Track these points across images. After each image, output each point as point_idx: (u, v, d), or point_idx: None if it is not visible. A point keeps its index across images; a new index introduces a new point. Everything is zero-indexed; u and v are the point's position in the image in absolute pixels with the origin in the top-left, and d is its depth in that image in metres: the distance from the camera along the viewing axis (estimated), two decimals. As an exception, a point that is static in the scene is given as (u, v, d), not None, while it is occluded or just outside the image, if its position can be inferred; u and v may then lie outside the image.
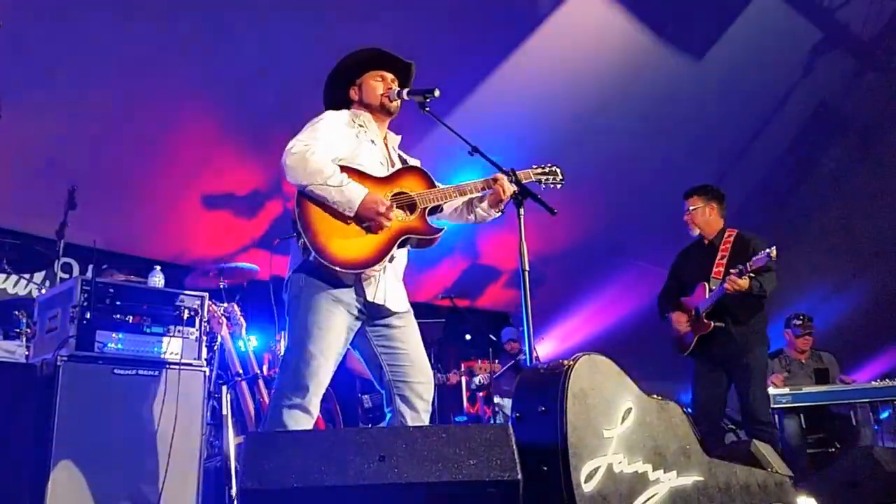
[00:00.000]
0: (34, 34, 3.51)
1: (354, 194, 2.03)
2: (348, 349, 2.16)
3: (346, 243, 2.03)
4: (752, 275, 3.21)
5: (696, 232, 3.54)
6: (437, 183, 2.24)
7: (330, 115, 2.18)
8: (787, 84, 5.78)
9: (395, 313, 2.16)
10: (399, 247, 2.12)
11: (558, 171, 2.43)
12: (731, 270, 3.23)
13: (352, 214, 2.04)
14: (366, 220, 2.06)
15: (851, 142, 6.31)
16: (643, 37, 4.92)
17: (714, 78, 5.36)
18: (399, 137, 2.36)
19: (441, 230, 2.20)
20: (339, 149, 2.12)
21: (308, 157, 2.01)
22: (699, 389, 3.40)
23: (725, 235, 3.49)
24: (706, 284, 3.42)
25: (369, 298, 2.09)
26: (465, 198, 2.26)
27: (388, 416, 2.14)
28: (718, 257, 3.43)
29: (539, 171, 2.40)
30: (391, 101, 2.24)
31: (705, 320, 3.38)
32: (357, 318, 2.11)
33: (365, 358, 2.19)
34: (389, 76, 2.28)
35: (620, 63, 5.02)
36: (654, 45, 5.00)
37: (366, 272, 2.07)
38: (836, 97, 6.03)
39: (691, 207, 3.54)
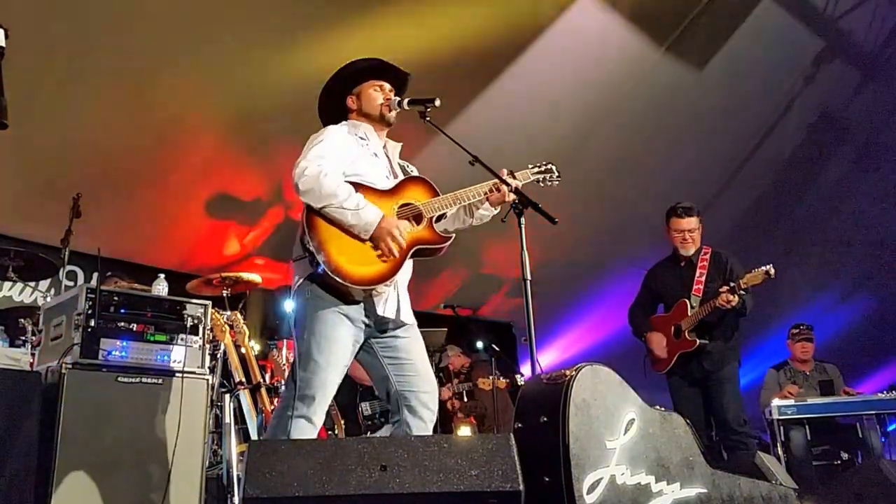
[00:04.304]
0: (40, 43, 3.54)
1: (371, 218, 2.05)
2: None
3: (359, 259, 2.04)
4: (742, 292, 3.23)
5: (692, 250, 3.58)
6: (438, 191, 2.25)
7: (333, 131, 2.18)
8: (789, 94, 5.78)
9: (402, 325, 2.17)
10: (410, 258, 2.14)
11: (554, 168, 2.43)
12: (723, 288, 3.28)
13: (366, 238, 2.06)
14: (379, 243, 2.07)
15: (854, 152, 6.30)
16: (644, 47, 4.94)
17: (715, 88, 5.37)
18: (400, 145, 2.36)
19: (450, 238, 2.22)
20: (347, 165, 2.13)
21: (322, 180, 2.01)
22: (683, 406, 3.40)
23: (702, 253, 3.57)
24: (687, 301, 3.46)
25: (380, 313, 2.11)
26: (467, 202, 2.28)
27: (394, 426, 2.14)
28: (697, 274, 3.49)
29: (536, 170, 2.42)
30: (390, 111, 2.26)
31: (688, 337, 3.41)
32: (363, 330, 2.11)
33: (370, 369, 2.20)
34: (387, 86, 2.30)
35: (622, 73, 5.03)
36: (655, 55, 5.02)
37: (377, 287, 2.08)
38: (838, 107, 6.02)
39: (696, 227, 3.57)
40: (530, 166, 2.42)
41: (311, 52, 4.10)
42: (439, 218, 2.25)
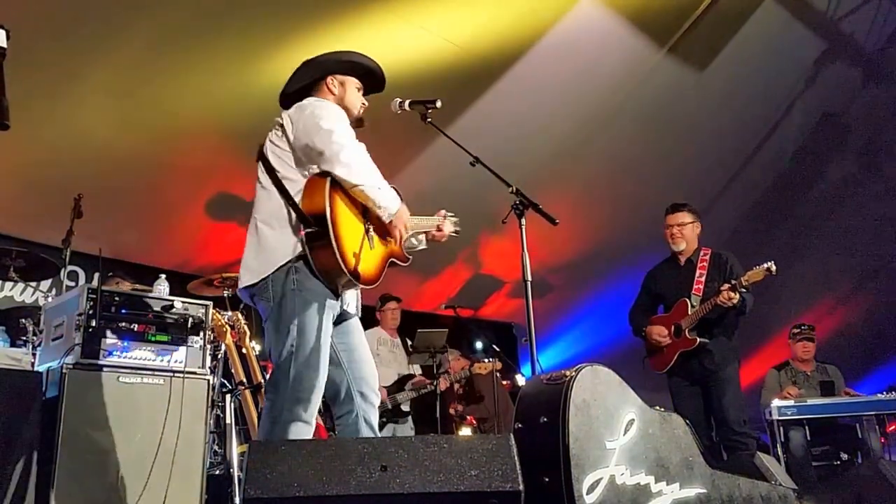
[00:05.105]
0: (41, 45, 3.55)
1: (396, 203, 2.04)
2: None
3: (357, 255, 2.02)
4: (742, 290, 3.24)
5: (682, 246, 3.59)
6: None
7: (338, 108, 2.10)
8: (790, 95, 5.78)
9: (351, 317, 2.16)
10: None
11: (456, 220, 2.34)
12: (725, 285, 3.28)
13: (387, 220, 2.04)
14: (392, 229, 2.06)
15: (855, 153, 6.31)
16: (645, 48, 4.94)
17: (716, 89, 5.38)
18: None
19: (410, 259, 2.24)
20: None
21: (363, 156, 1.98)
22: (683, 406, 3.40)
23: (701, 254, 3.58)
24: (687, 301, 3.46)
25: (344, 307, 2.10)
26: (419, 231, 2.28)
27: (345, 416, 2.08)
28: (697, 275, 3.50)
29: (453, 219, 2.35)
30: (360, 117, 2.22)
31: (688, 336, 3.41)
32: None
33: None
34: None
35: (623, 74, 5.04)
36: (656, 57, 5.02)
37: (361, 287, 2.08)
38: (839, 109, 6.03)
39: (684, 221, 3.58)
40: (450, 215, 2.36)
41: (311, 52, 4.09)
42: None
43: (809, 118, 5.99)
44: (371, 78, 2.25)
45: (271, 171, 2.05)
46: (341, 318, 2.12)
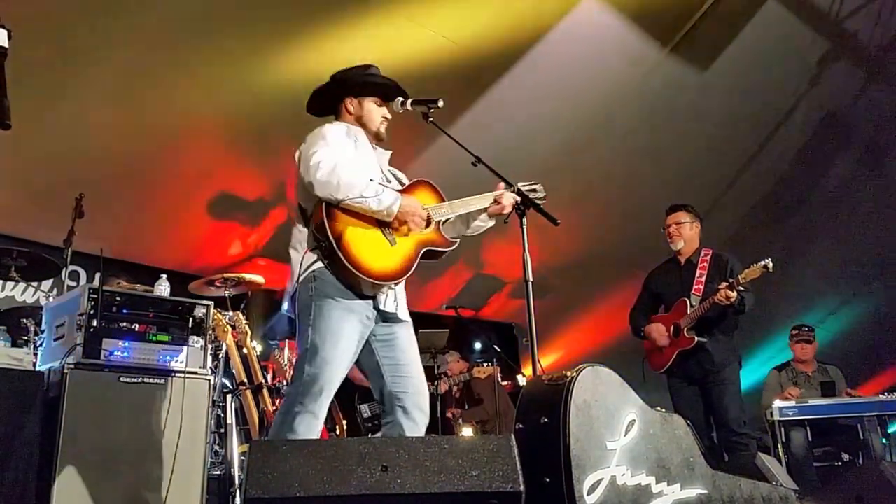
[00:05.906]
0: (42, 44, 3.56)
1: (391, 200, 2.08)
2: None
3: (376, 255, 2.07)
4: (741, 288, 3.23)
5: (680, 245, 3.60)
6: (444, 196, 2.28)
7: (335, 128, 2.20)
8: (794, 95, 5.76)
9: (399, 322, 2.19)
10: (421, 259, 2.17)
11: (539, 188, 2.40)
12: (723, 283, 3.28)
13: (390, 220, 2.10)
14: (402, 223, 2.12)
15: (858, 154, 6.29)
16: (648, 48, 4.93)
17: (719, 89, 5.36)
18: (389, 153, 2.37)
19: (455, 243, 2.26)
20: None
21: (339, 171, 2.03)
22: (684, 406, 3.40)
23: (702, 254, 3.58)
24: (687, 300, 3.47)
25: (381, 306, 2.14)
26: (470, 210, 2.29)
27: (386, 426, 2.15)
28: (697, 275, 3.51)
29: (527, 186, 2.38)
30: (384, 131, 2.30)
31: (687, 335, 3.41)
32: (368, 327, 2.13)
33: (367, 368, 2.21)
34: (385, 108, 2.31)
35: (625, 74, 5.03)
36: (658, 56, 5.02)
37: (391, 284, 2.11)
38: (843, 109, 6.01)
39: (681, 220, 3.60)
40: (521, 184, 2.38)
41: (312, 53, 4.11)
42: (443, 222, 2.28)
43: (812, 118, 5.97)
44: (390, 92, 2.31)
45: (297, 202, 2.19)
46: (385, 319, 2.16)
